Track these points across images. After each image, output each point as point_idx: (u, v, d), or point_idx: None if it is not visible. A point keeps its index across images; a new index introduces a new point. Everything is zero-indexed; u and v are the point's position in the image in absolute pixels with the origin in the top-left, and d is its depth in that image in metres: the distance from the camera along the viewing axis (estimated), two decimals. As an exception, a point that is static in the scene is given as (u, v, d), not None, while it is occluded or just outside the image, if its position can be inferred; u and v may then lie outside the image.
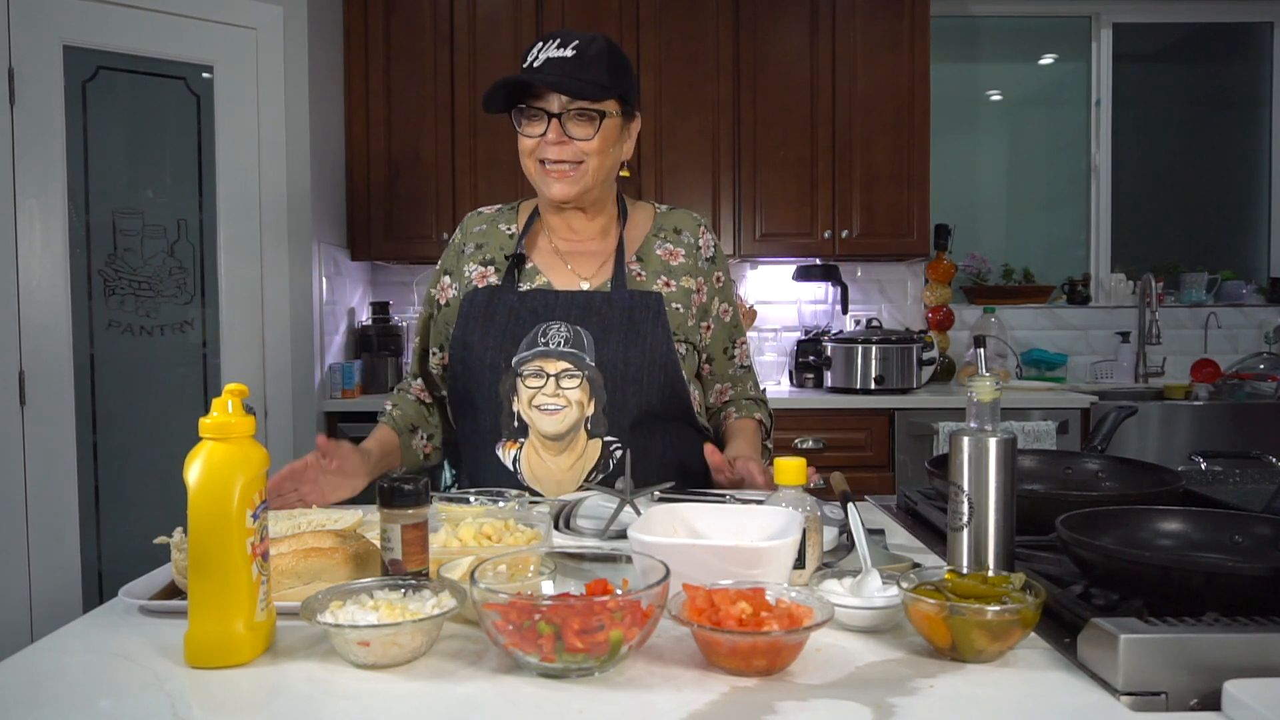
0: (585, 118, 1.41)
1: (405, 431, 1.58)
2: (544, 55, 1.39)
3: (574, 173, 1.44)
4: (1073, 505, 0.96)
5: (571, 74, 1.38)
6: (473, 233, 1.61)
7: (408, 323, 3.80)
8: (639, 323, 1.46)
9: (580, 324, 1.45)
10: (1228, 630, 0.70)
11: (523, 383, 1.43)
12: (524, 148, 1.46)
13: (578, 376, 1.41)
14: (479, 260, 1.56)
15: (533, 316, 1.46)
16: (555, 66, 1.39)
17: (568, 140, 1.42)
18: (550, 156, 1.43)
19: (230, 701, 0.72)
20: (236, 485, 0.78)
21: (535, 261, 1.54)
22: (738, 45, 3.43)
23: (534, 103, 1.42)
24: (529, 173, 1.48)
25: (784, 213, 3.47)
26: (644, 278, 1.52)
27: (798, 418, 3.14)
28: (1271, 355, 3.76)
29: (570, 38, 1.40)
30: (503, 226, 1.60)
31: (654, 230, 1.58)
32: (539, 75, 1.39)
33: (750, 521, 0.97)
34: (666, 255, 1.55)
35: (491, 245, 1.57)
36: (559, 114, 1.41)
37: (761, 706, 0.68)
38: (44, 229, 2.54)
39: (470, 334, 1.47)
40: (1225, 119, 4.05)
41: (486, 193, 3.44)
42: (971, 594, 0.78)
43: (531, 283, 1.51)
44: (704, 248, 1.59)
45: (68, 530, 2.58)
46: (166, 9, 2.73)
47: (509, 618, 0.72)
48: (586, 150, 1.43)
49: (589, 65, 1.39)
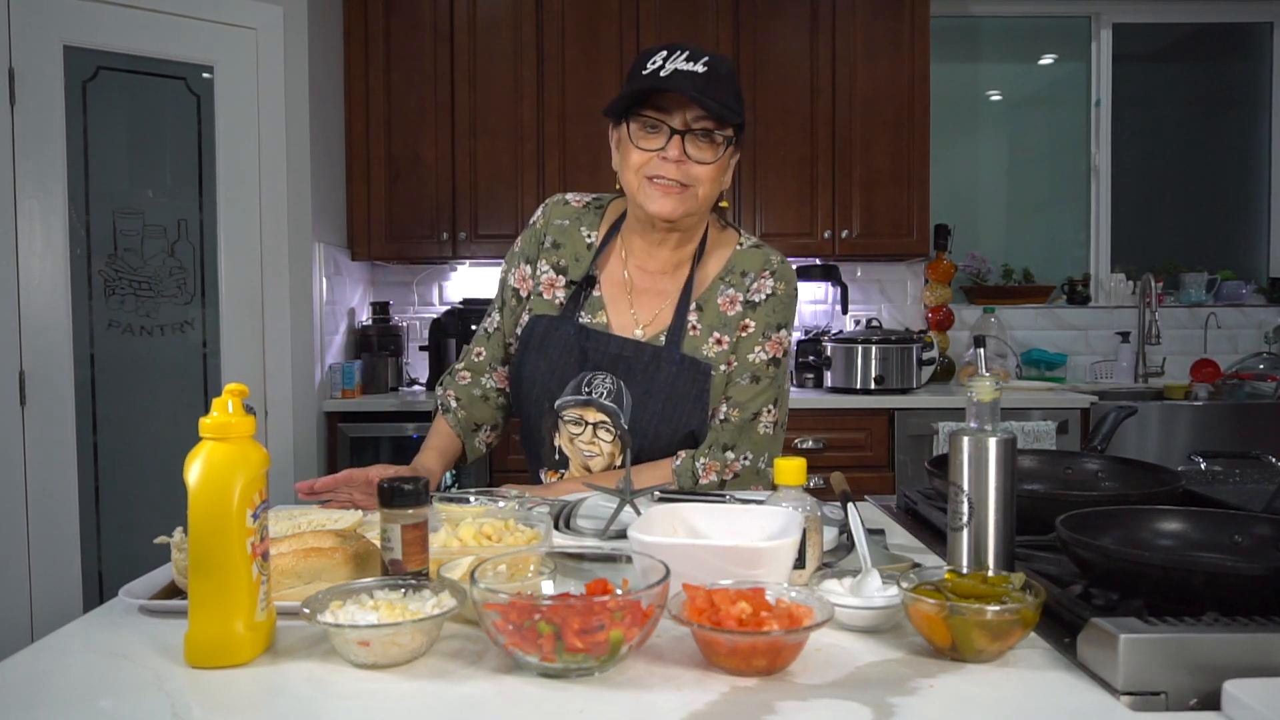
0: (708, 139, 1.33)
1: (469, 433, 1.54)
2: (672, 66, 1.30)
3: (682, 192, 1.35)
4: (1073, 505, 0.96)
5: (703, 90, 1.28)
6: (554, 225, 1.53)
7: (408, 323, 3.81)
8: (681, 395, 1.42)
9: (625, 378, 1.42)
10: (1228, 630, 0.70)
11: (564, 425, 1.45)
12: (633, 161, 1.36)
13: (612, 432, 1.44)
14: (552, 263, 1.51)
15: (583, 359, 1.44)
16: (686, 80, 1.29)
17: (686, 160, 1.33)
18: (665, 174, 1.34)
19: (230, 701, 0.72)
20: (236, 485, 0.78)
21: (603, 290, 1.49)
22: (738, 45, 3.43)
23: (656, 115, 1.32)
24: (628, 186, 1.39)
25: (784, 213, 3.47)
26: (698, 332, 1.46)
27: (798, 418, 3.14)
28: (1271, 355, 3.76)
29: (699, 53, 1.31)
30: (584, 230, 1.52)
31: (723, 273, 1.49)
32: (671, 85, 1.29)
33: (751, 521, 0.97)
34: (726, 304, 1.47)
35: (568, 250, 1.51)
36: (682, 131, 1.32)
37: (761, 706, 0.68)
38: (44, 229, 2.54)
39: (525, 364, 1.47)
40: (1225, 119, 4.05)
41: (486, 193, 3.44)
42: (971, 594, 0.78)
43: (593, 316, 1.47)
44: (756, 290, 1.48)
45: (68, 530, 2.58)
46: (166, 9, 2.73)
47: (509, 618, 0.72)
48: (700, 176, 1.35)
49: (720, 85, 1.31)
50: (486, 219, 3.46)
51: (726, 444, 1.46)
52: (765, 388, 1.47)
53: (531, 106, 3.42)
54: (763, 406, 1.47)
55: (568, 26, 3.42)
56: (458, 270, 3.83)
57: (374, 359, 3.45)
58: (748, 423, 1.46)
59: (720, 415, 1.47)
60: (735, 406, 1.46)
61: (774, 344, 1.48)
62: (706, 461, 1.44)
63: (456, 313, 3.49)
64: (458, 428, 1.53)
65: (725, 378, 1.47)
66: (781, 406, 1.51)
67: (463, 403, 1.55)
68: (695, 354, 1.45)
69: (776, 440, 1.51)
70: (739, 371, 1.46)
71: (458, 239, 3.45)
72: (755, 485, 1.47)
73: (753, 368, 1.47)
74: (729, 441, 1.46)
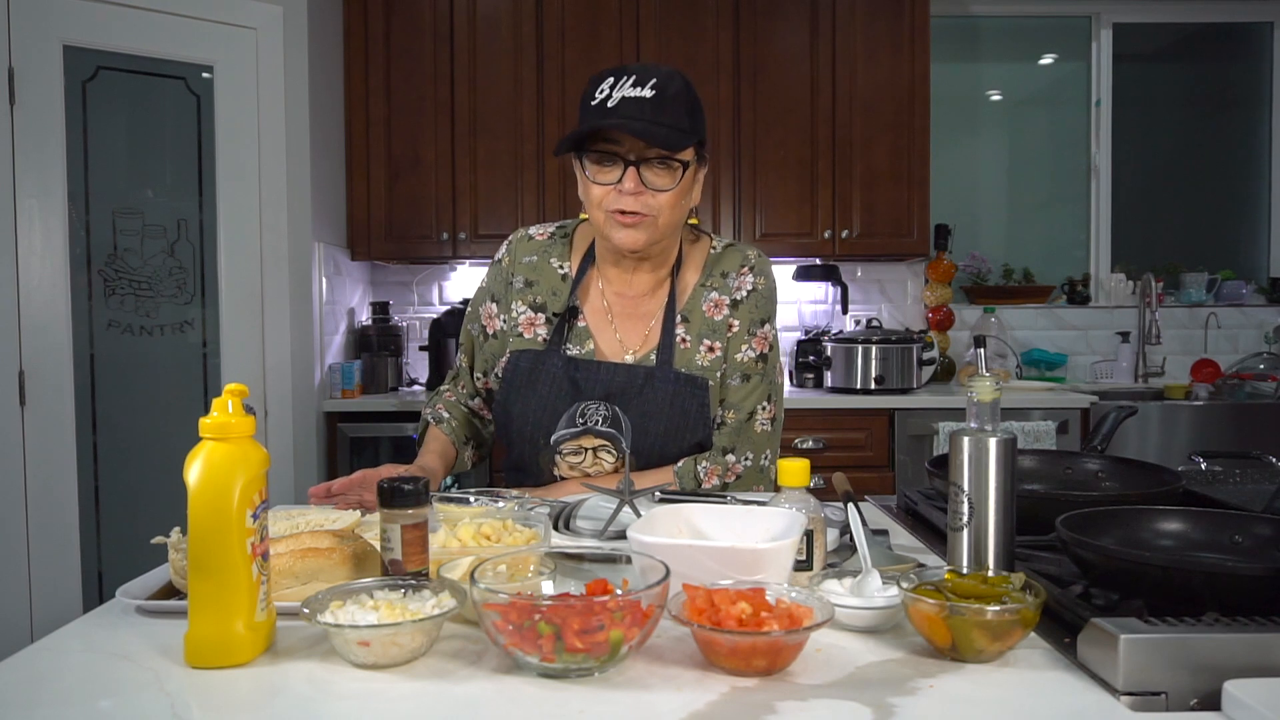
0: (665, 166, 1.30)
1: (461, 444, 1.53)
2: (619, 94, 1.27)
3: (643, 221, 1.33)
4: (1073, 505, 0.96)
5: (652, 118, 1.26)
6: (522, 263, 1.50)
7: (407, 323, 3.81)
8: (681, 413, 1.41)
9: (620, 404, 1.40)
10: (1228, 630, 0.70)
11: (561, 458, 1.43)
12: (593, 196, 1.33)
13: (614, 453, 1.42)
14: (529, 302, 1.48)
15: (573, 389, 1.41)
16: (633, 108, 1.26)
17: (644, 190, 1.31)
18: (624, 207, 1.31)
19: (230, 701, 0.72)
20: (236, 485, 0.78)
21: (587, 319, 1.46)
22: (738, 45, 3.43)
23: (607, 147, 1.30)
24: (594, 220, 1.37)
25: (784, 213, 3.47)
26: (688, 344, 1.45)
27: (798, 418, 3.14)
28: (1271, 355, 3.76)
29: (647, 75, 1.28)
30: (555, 262, 1.49)
31: (703, 278, 1.48)
32: (616, 119, 1.26)
33: (753, 523, 0.97)
34: (712, 309, 1.46)
35: (543, 286, 1.48)
36: (635, 162, 1.29)
37: (761, 706, 0.68)
38: (44, 229, 2.54)
39: (512, 403, 1.44)
40: (1225, 119, 4.05)
41: (486, 193, 3.44)
42: (971, 594, 0.78)
43: (580, 347, 1.45)
44: (737, 289, 1.47)
45: (68, 530, 2.58)
46: (166, 9, 2.73)
47: (509, 618, 0.72)
48: (660, 204, 1.32)
49: (669, 107, 1.28)
50: (486, 219, 3.46)
51: (726, 447, 1.45)
52: (757, 385, 1.47)
53: (531, 106, 3.42)
54: (757, 404, 1.47)
55: (568, 27, 3.42)
56: (458, 270, 3.83)
57: (374, 359, 3.45)
58: (744, 423, 1.46)
59: (717, 419, 1.46)
60: (730, 408, 1.46)
61: (759, 340, 1.48)
62: (708, 466, 1.44)
63: (456, 313, 3.49)
64: (452, 435, 1.52)
65: (721, 383, 1.46)
66: (776, 402, 1.50)
67: (454, 415, 1.55)
68: (689, 368, 1.44)
69: (775, 436, 1.50)
70: (729, 372, 1.46)
71: (458, 239, 3.45)
72: (758, 485, 1.47)
73: (742, 367, 1.47)
74: (728, 444, 1.45)
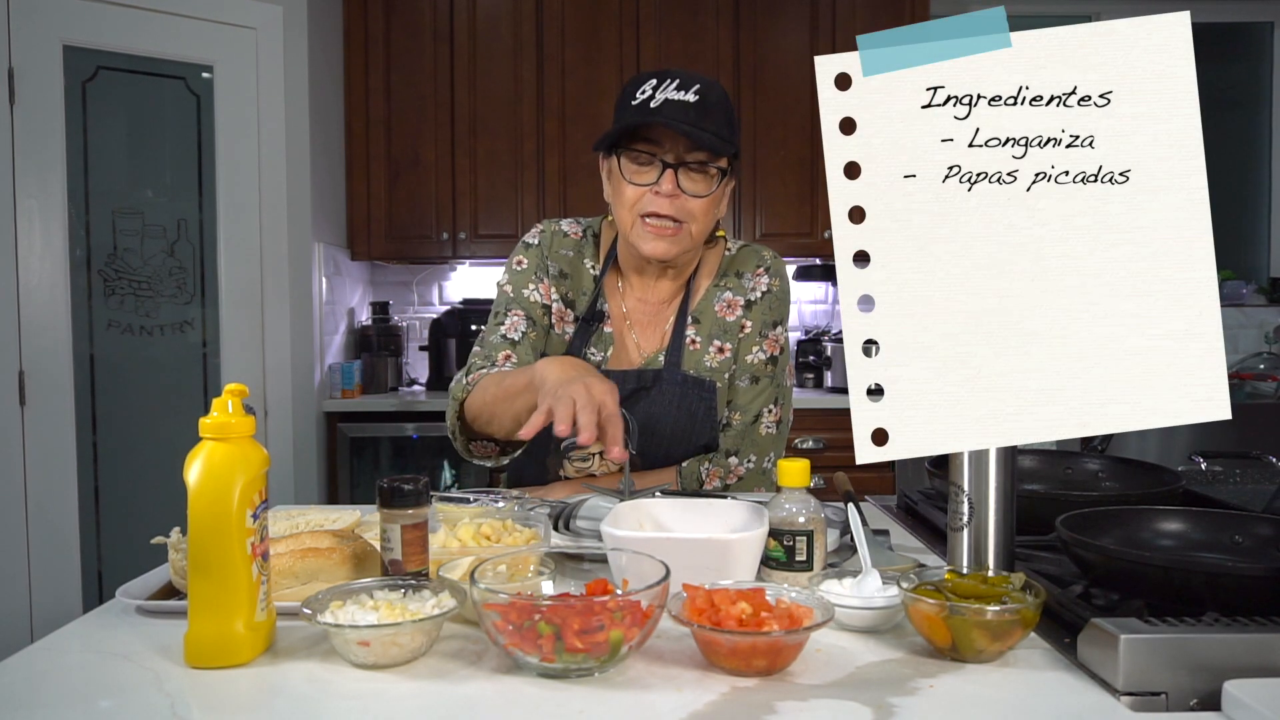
0: (701, 172, 1.29)
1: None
2: (662, 95, 1.25)
3: (676, 231, 1.31)
4: (1073, 505, 0.96)
5: (695, 122, 1.24)
6: (559, 254, 1.47)
7: (407, 323, 3.81)
8: (689, 415, 1.39)
9: (627, 405, 1.37)
10: (1228, 630, 0.70)
11: (569, 462, 1.42)
12: (626, 197, 1.31)
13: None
14: (563, 294, 1.46)
15: None
16: (677, 110, 1.24)
17: (680, 194, 1.29)
18: (659, 210, 1.29)
19: (230, 701, 0.71)
20: (236, 485, 0.77)
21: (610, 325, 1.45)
22: (738, 45, 3.43)
23: (648, 147, 1.28)
24: (621, 223, 1.35)
25: (784, 213, 3.47)
26: (697, 345, 1.44)
27: (798, 418, 3.14)
28: (1271, 355, 3.76)
29: (690, 80, 1.27)
30: (587, 263, 1.48)
31: (717, 278, 1.46)
32: (661, 118, 1.24)
33: (714, 515, 0.98)
34: (724, 309, 1.45)
35: (575, 282, 1.47)
36: (674, 164, 1.28)
37: (761, 706, 0.68)
38: (44, 229, 2.54)
39: None
40: (1225, 119, 4.05)
41: (486, 193, 3.44)
42: (971, 594, 0.78)
43: (603, 352, 1.45)
44: (752, 289, 1.46)
45: (68, 530, 2.59)
46: (166, 9, 2.73)
47: (509, 618, 0.72)
48: (694, 210, 1.30)
49: (711, 113, 1.26)
50: (486, 219, 3.46)
51: (729, 450, 1.45)
52: (765, 388, 1.46)
53: (531, 106, 3.42)
54: (763, 407, 1.46)
55: (568, 27, 3.42)
56: (458, 270, 3.83)
57: (374, 359, 3.45)
58: (749, 426, 1.46)
59: (723, 421, 1.46)
60: (737, 410, 1.45)
61: (770, 342, 1.47)
62: (710, 468, 1.43)
63: (456, 313, 3.49)
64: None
65: (729, 384, 1.45)
66: (784, 405, 1.50)
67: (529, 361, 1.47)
68: (698, 369, 1.43)
69: (780, 439, 1.50)
70: (738, 374, 1.46)
71: (458, 239, 3.45)
72: (758, 487, 1.47)
73: (751, 368, 1.46)
74: (732, 447, 1.45)
